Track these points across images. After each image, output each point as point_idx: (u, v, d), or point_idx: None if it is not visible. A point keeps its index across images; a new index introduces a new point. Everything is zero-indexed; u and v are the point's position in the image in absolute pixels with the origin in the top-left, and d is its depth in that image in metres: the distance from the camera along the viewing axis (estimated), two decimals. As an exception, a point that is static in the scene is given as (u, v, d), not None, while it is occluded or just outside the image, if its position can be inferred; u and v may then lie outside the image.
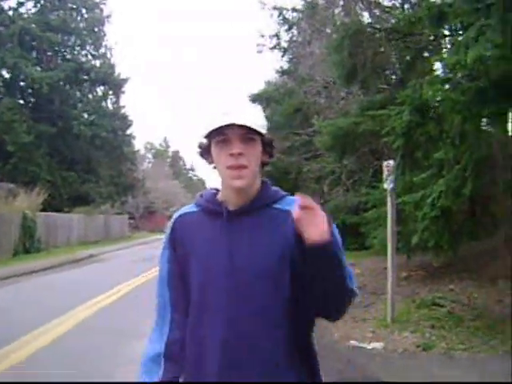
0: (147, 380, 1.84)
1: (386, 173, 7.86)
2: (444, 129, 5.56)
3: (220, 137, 1.73)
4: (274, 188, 1.88)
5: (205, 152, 1.84)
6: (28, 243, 21.43)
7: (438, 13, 5.15)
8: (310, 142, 22.30)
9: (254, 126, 1.72)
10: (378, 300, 9.88)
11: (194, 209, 1.92)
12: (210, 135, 1.76)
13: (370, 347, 6.75)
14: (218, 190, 1.90)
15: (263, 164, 1.83)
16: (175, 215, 1.96)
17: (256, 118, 1.81)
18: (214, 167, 1.83)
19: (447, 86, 5.47)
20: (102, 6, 35.84)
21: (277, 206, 1.82)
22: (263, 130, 1.77)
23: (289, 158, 28.75)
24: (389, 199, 8.37)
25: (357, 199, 18.77)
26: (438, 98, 5.48)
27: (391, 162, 8.24)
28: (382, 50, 12.68)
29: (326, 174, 22.32)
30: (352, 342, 7.09)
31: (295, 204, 1.58)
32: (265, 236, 1.76)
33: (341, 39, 12.93)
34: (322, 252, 1.57)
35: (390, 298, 8.33)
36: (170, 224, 1.95)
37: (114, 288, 12.16)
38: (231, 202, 1.81)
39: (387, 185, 8.21)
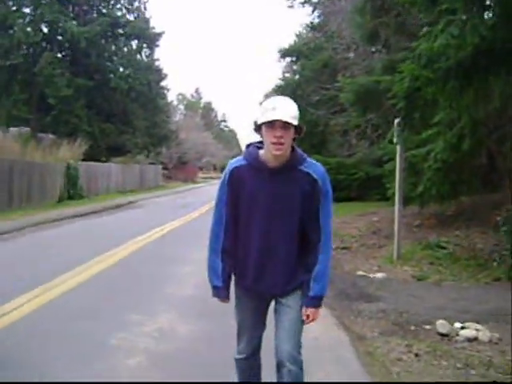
0: (213, 271, 3.01)
1: (396, 129, 8.94)
2: (437, 96, 6.59)
3: (269, 124, 2.78)
4: (300, 152, 2.94)
5: (257, 129, 2.89)
6: (72, 190, 22.97)
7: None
8: (337, 97, 22.83)
9: (290, 120, 2.75)
10: (390, 243, 11.00)
11: (243, 162, 2.98)
12: (262, 122, 2.82)
13: (373, 276, 8.01)
14: (259, 147, 2.96)
15: (294, 139, 2.86)
16: (231, 166, 3.00)
17: (294, 110, 2.82)
18: (261, 138, 2.89)
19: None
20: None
21: (301, 167, 2.91)
22: (296, 121, 2.78)
23: (317, 111, 29.50)
24: (398, 153, 9.49)
25: (380, 152, 19.41)
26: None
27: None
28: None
29: (351, 128, 23.12)
30: (359, 272, 8.37)
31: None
32: (290, 187, 2.88)
33: (364, 2, 13.71)
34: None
35: (396, 239, 9.55)
36: (227, 171, 2.99)
37: (158, 227, 13.64)
38: (270, 161, 2.87)
39: (397, 139, 9.33)
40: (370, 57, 19.73)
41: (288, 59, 33.14)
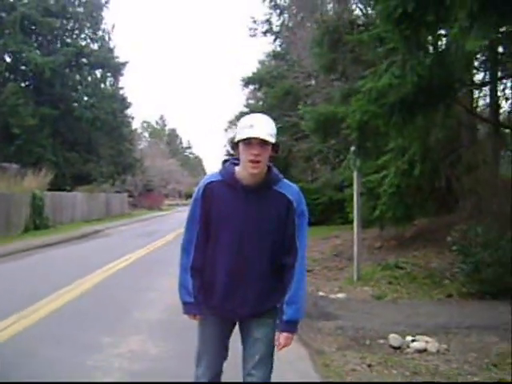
0: (183, 288, 2.93)
1: (351, 156, 9.47)
2: (384, 128, 7.11)
3: (246, 141, 2.72)
4: (276, 172, 2.88)
5: (234, 147, 2.83)
6: (37, 220, 22.90)
7: (378, 37, 6.71)
8: (300, 124, 23.32)
9: (268, 138, 2.69)
10: (351, 264, 11.41)
11: (219, 177, 2.90)
12: (239, 140, 2.75)
13: (333, 296, 8.43)
14: (235, 164, 2.87)
15: (271, 157, 2.80)
16: (205, 180, 2.93)
17: (272, 127, 2.76)
18: (238, 155, 2.82)
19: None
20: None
21: (276, 187, 2.86)
22: (274, 139, 2.72)
23: (280, 137, 30.04)
24: (355, 179, 10.01)
25: (341, 177, 19.78)
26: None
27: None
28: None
29: (314, 154, 23.72)
30: (320, 293, 8.78)
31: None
32: (265, 207, 2.84)
33: (321, 35, 14.36)
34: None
35: (355, 261, 10.02)
36: (201, 186, 2.92)
37: (125, 256, 13.82)
38: (246, 179, 2.81)
39: (352, 166, 9.85)
40: (330, 85, 20.39)
41: (251, 87, 33.89)
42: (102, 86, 37.86)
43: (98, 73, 37.50)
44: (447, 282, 9.05)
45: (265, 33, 29.63)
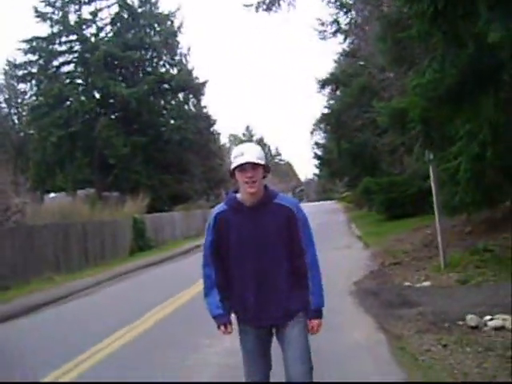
0: (210, 299, 3.30)
1: (419, 149, 9.67)
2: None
3: (240, 168, 3.18)
4: (271, 189, 3.34)
5: (232, 175, 3.26)
6: (141, 242, 24.38)
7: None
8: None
9: (257, 161, 3.15)
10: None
11: (225, 207, 3.34)
12: (234, 167, 3.20)
13: (418, 285, 8.69)
14: (236, 192, 3.32)
15: (264, 177, 3.26)
16: (214, 213, 3.35)
17: (260, 152, 3.24)
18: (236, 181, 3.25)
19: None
20: (172, 18, 38.59)
21: (275, 201, 3.28)
22: (263, 161, 3.19)
23: (363, 134, 30.11)
24: (430, 168, 10.21)
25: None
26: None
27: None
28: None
29: (397, 147, 23.60)
30: (406, 283, 9.06)
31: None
32: (270, 218, 3.24)
33: (383, 31, 14.49)
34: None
35: (440, 249, 10.18)
36: (212, 218, 3.34)
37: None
38: (247, 201, 3.25)
39: (427, 157, 10.07)
40: (404, 76, 20.27)
41: (328, 88, 34.08)
42: (186, 107, 39.39)
43: (181, 96, 39.04)
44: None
45: (334, 33, 29.71)
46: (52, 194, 31.47)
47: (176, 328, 7.51)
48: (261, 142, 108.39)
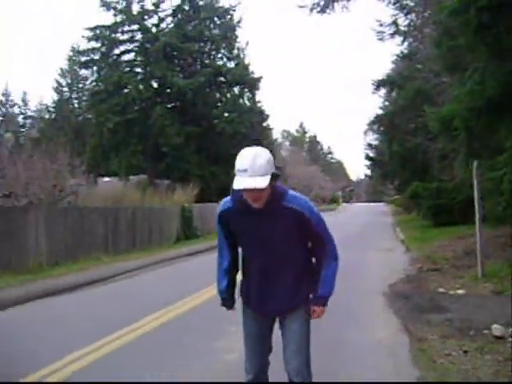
0: (219, 286, 3.48)
1: (463, 157, 9.72)
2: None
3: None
4: (280, 188, 3.11)
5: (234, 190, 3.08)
6: (187, 231, 24.94)
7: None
8: (431, 124, 22.85)
9: (260, 186, 2.87)
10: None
11: (231, 204, 3.23)
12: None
13: (452, 292, 8.78)
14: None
15: (274, 179, 2.97)
16: (219, 210, 3.28)
17: (264, 166, 2.91)
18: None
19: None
20: (232, 13, 39.08)
21: (283, 203, 3.09)
22: (268, 178, 2.89)
23: (415, 138, 29.81)
24: (474, 176, 10.23)
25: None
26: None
27: (473, 148, 10.05)
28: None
29: (447, 153, 23.31)
30: (441, 289, 9.15)
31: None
32: (276, 222, 3.11)
33: (439, 36, 14.46)
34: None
35: (479, 259, 10.20)
36: (217, 215, 3.30)
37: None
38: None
39: (470, 165, 10.10)
40: (456, 83, 20.05)
41: (384, 89, 33.89)
42: (241, 101, 39.82)
43: (236, 89, 39.49)
44: None
45: (392, 34, 29.46)
46: (106, 178, 32.44)
47: (207, 314, 7.76)
48: (313, 140, 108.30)
